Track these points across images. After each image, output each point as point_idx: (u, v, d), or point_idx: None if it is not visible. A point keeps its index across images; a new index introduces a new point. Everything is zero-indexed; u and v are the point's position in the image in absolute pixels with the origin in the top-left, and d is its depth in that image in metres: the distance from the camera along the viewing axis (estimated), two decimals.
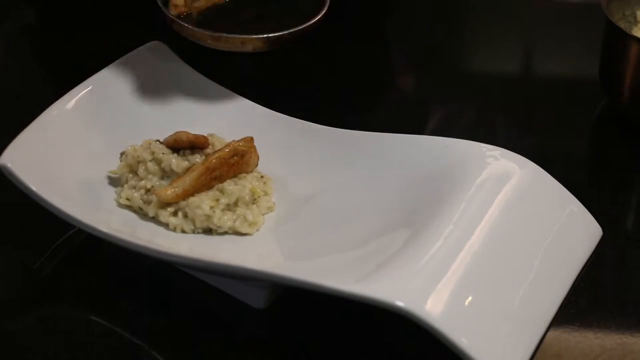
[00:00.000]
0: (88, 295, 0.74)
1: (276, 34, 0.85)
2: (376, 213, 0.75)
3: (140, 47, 0.86)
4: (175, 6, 0.88)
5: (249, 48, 0.85)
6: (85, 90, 0.81)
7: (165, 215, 0.76)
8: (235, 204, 0.76)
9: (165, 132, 0.79)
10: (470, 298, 0.65)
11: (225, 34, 0.85)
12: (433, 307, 0.63)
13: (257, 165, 0.79)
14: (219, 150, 0.77)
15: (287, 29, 0.86)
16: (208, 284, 0.73)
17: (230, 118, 0.84)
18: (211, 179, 0.76)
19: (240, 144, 0.78)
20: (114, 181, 0.78)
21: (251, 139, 0.79)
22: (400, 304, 0.62)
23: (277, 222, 0.76)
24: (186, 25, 0.86)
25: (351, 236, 0.73)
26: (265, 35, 0.85)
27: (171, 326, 0.72)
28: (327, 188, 0.78)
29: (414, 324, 0.63)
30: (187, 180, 0.76)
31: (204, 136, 0.78)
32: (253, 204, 0.77)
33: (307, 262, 0.72)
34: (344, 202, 0.77)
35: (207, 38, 0.85)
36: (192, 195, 0.75)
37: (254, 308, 0.72)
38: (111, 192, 0.77)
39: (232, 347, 0.71)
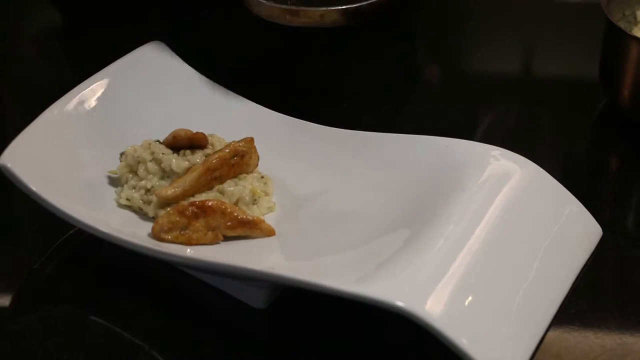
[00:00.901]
0: (88, 295, 0.74)
1: (354, 5, 0.83)
2: (376, 213, 0.75)
3: (140, 47, 0.86)
4: None
5: (327, 21, 0.83)
6: (85, 90, 0.81)
7: None
8: (236, 204, 0.76)
9: (165, 132, 0.79)
10: (470, 298, 0.65)
11: (303, 8, 0.83)
12: (433, 307, 0.63)
13: (257, 165, 0.79)
14: (219, 150, 0.77)
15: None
16: (208, 284, 0.73)
17: (230, 118, 0.84)
18: (211, 179, 0.76)
19: (241, 144, 0.78)
20: (114, 181, 0.78)
21: (251, 140, 0.79)
22: (400, 304, 0.62)
23: (277, 222, 0.76)
24: (264, 2, 0.83)
25: (351, 236, 0.73)
26: (343, 7, 0.83)
27: (171, 326, 0.72)
28: (327, 188, 0.78)
29: (414, 324, 0.63)
30: (187, 181, 0.76)
31: (202, 133, 0.78)
32: (253, 204, 0.77)
33: (307, 262, 0.72)
34: (344, 202, 0.77)
35: (285, 14, 0.83)
36: (192, 195, 0.75)
37: (254, 308, 0.72)
38: (111, 192, 0.77)
39: (232, 347, 0.71)
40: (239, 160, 0.77)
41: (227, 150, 0.77)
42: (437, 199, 0.72)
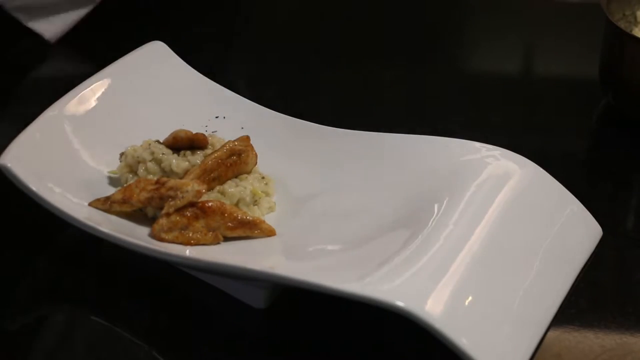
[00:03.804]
0: (88, 295, 0.74)
1: None
2: (376, 213, 0.75)
3: (140, 47, 0.86)
4: None
5: None
6: (85, 90, 0.81)
7: None
8: (236, 205, 0.76)
9: (165, 132, 0.79)
10: (470, 298, 0.65)
11: None
12: (433, 307, 0.63)
13: (255, 163, 0.79)
14: (215, 151, 0.77)
15: None
16: (208, 284, 0.73)
17: (230, 118, 0.84)
18: (210, 180, 0.76)
19: (236, 143, 0.78)
20: (114, 181, 0.78)
21: (247, 138, 0.79)
22: (400, 304, 0.62)
23: (278, 222, 0.76)
24: None
25: (351, 236, 0.73)
26: None
27: (171, 326, 0.72)
28: (327, 188, 0.78)
29: (414, 324, 0.63)
30: None
31: (202, 134, 0.78)
32: (254, 205, 0.77)
33: (307, 262, 0.72)
34: (344, 202, 0.77)
35: None
36: None
37: (254, 308, 0.72)
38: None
39: (232, 347, 0.71)
40: (237, 159, 0.77)
41: (224, 150, 0.77)
42: (437, 199, 0.72)
